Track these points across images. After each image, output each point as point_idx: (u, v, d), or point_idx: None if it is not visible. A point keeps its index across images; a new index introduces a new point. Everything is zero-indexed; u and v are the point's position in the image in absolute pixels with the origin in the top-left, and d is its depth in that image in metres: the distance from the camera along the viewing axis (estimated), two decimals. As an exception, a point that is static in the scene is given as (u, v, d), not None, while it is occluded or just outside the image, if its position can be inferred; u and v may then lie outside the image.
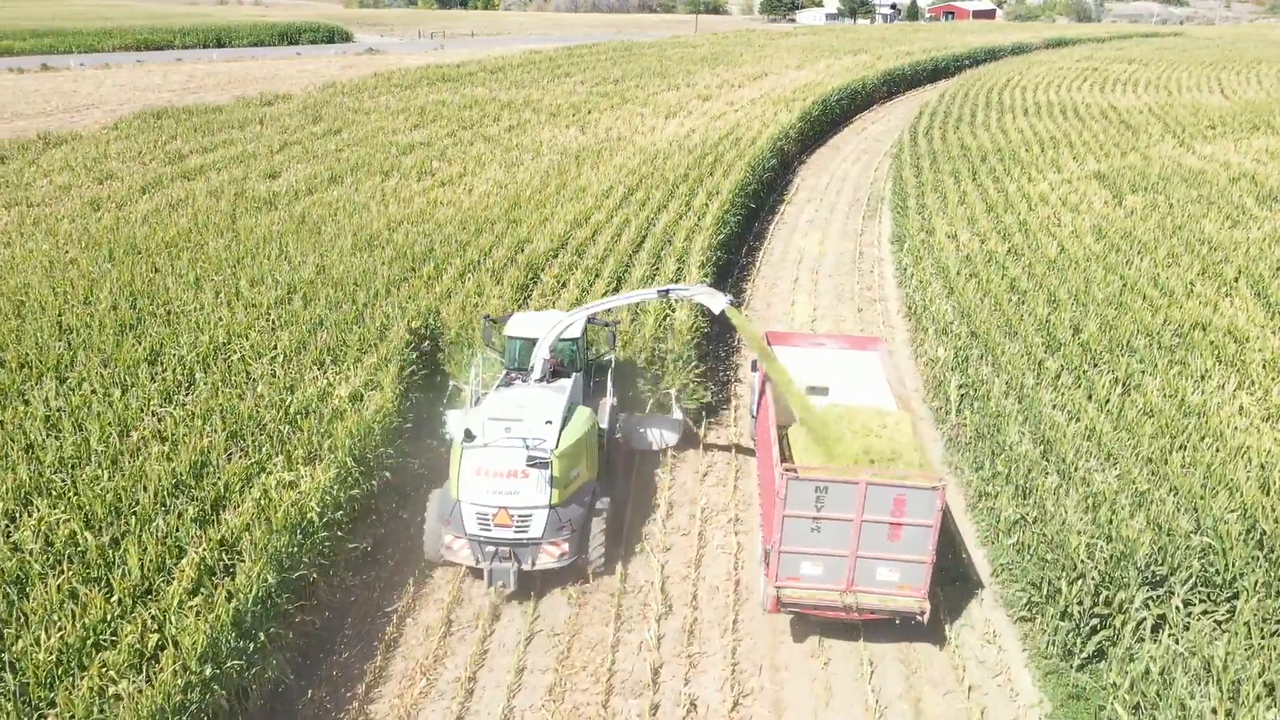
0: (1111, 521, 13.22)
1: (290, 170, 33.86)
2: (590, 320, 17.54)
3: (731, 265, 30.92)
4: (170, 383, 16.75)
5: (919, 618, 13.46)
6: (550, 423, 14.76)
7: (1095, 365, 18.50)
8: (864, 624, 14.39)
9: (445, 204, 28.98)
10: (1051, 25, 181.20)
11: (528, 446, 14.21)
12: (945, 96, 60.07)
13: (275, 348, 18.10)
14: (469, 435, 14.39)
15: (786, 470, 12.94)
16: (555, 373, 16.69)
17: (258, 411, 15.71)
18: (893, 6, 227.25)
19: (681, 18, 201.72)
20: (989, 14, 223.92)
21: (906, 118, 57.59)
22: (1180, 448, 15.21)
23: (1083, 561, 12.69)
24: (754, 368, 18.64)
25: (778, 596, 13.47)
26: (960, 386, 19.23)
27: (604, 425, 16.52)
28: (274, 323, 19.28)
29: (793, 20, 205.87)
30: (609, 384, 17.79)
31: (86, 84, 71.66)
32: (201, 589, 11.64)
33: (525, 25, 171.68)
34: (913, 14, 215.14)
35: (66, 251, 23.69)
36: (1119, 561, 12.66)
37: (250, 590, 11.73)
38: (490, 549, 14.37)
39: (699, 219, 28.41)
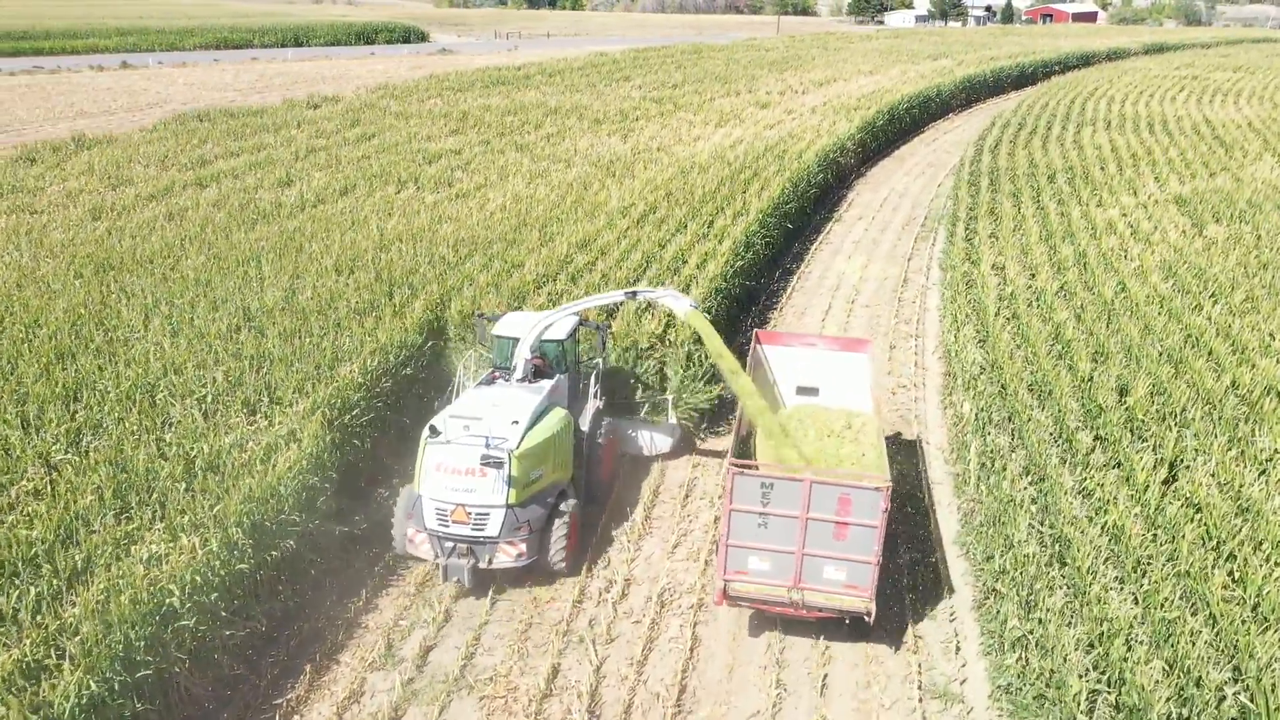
0: (1125, 660, 10.61)
1: (306, 179, 32.57)
2: (583, 322, 17.89)
3: (759, 292, 28.57)
4: (83, 423, 15.26)
5: (866, 618, 13.44)
6: (516, 422, 14.82)
7: (1139, 438, 15.68)
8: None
9: (452, 219, 27.23)
10: (1155, 29, 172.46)
11: (488, 445, 14.28)
12: (1022, 106, 56.26)
13: (207, 385, 16.49)
14: (434, 431, 14.60)
15: (732, 465, 13.10)
16: (540, 373, 16.71)
17: (155, 464, 14.05)
18: (987, 9, 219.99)
19: (766, 19, 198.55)
20: (1090, 17, 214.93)
21: (981, 128, 54.03)
22: (1228, 558, 12.43)
23: (1081, 715, 10.13)
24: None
25: (725, 589, 13.59)
26: (980, 454, 16.61)
27: (585, 428, 16.70)
28: (216, 355, 17.69)
29: (880, 22, 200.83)
30: (592, 386, 17.70)
31: (158, 82, 72.58)
32: (5, 700, 9.93)
33: (607, 26, 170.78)
34: (1008, 16, 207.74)
35: (40, 266, 22.64)
36: (1129, 717, 10.08)
37: (68, 699, 10.00)
38: (449, 544, 14.56)
39: (718, 242, 26.09)
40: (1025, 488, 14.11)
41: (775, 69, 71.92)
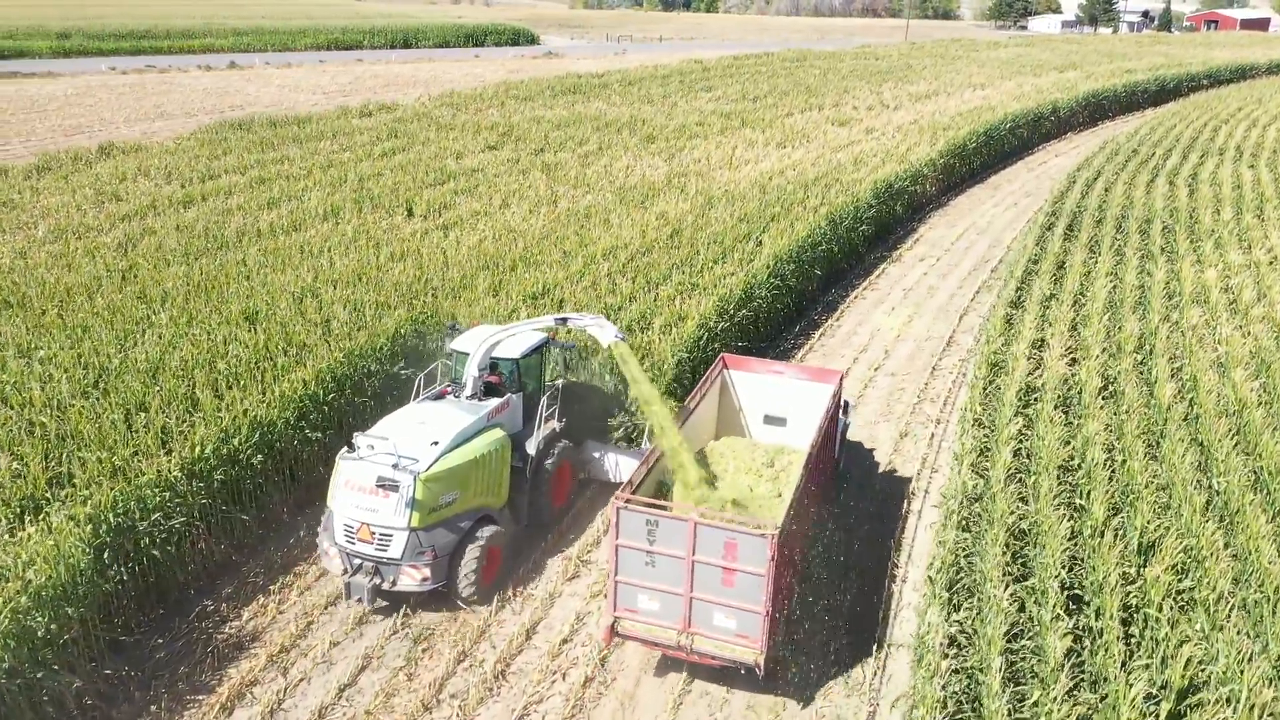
0: None
1: (300, 200, 30.27)
2: (550, 340, 17.48)
3: (765, 351, 24.53)
4: None
5: (756, 671, 12.76)
6: (436, 443, 14.49)
7: (1151, 636, 11.22)
8: None
9: (414, 255, 24.22)
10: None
11: (395, 466, 13.98)
12: (1143, 129, 49.73)
13: (-8, 473, 13.89)
14: (350, 446, 14.37)
15: (617, 499, 12.79)
16: (496, 391, 16.21)
17: None
18: (1144, 14, 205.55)
19: (897, 23, 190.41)
20: (1261, 24, 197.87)
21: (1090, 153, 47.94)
22: None
23: None
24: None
25: (613, 626, 13.22)
26: (925, 636, 12.40)
27: (531, 451, 16.18)
28: (30, 430, 15.09)
29: (1023, 27, 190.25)
30: (543, 408, 16.72)
31: (255, 84, 72.77)
32: None
33: (726, 29, 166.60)
34: (1165, 23, 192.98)
35: (-55, 299, 20.78)
36: None
37: None
38: (357, 561, 14.37)
39: (706, 296, 22.21)
40: (943, 725, 9.92)
41: (875, 80, 66.74)
